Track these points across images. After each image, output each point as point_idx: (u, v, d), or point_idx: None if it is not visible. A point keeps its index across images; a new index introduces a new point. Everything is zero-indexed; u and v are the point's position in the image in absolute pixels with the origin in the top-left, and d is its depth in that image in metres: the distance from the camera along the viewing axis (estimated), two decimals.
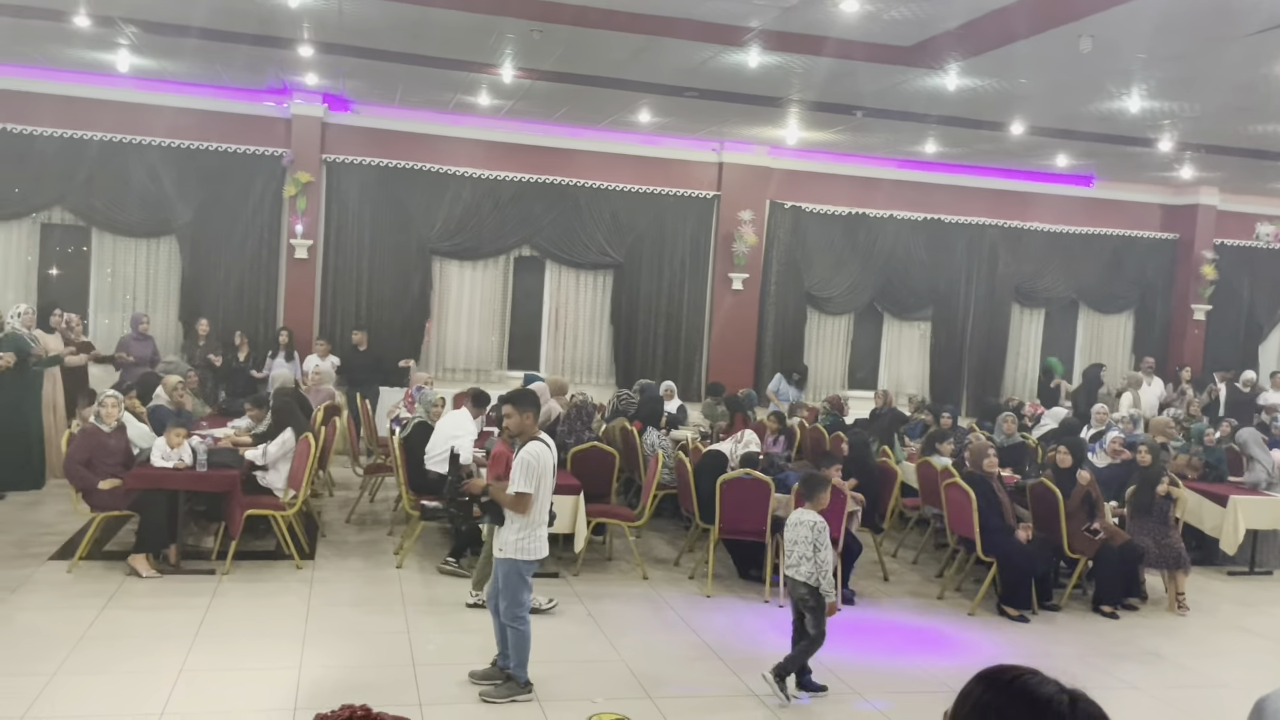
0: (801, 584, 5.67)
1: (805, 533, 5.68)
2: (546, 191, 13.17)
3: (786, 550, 5.80)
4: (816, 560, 5.62)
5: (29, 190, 11.71)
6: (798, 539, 5.70)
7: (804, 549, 5.65)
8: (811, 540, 5.64)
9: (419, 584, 7.47)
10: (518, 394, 5.55)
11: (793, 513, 5.95)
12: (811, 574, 5.62)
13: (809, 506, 5.85)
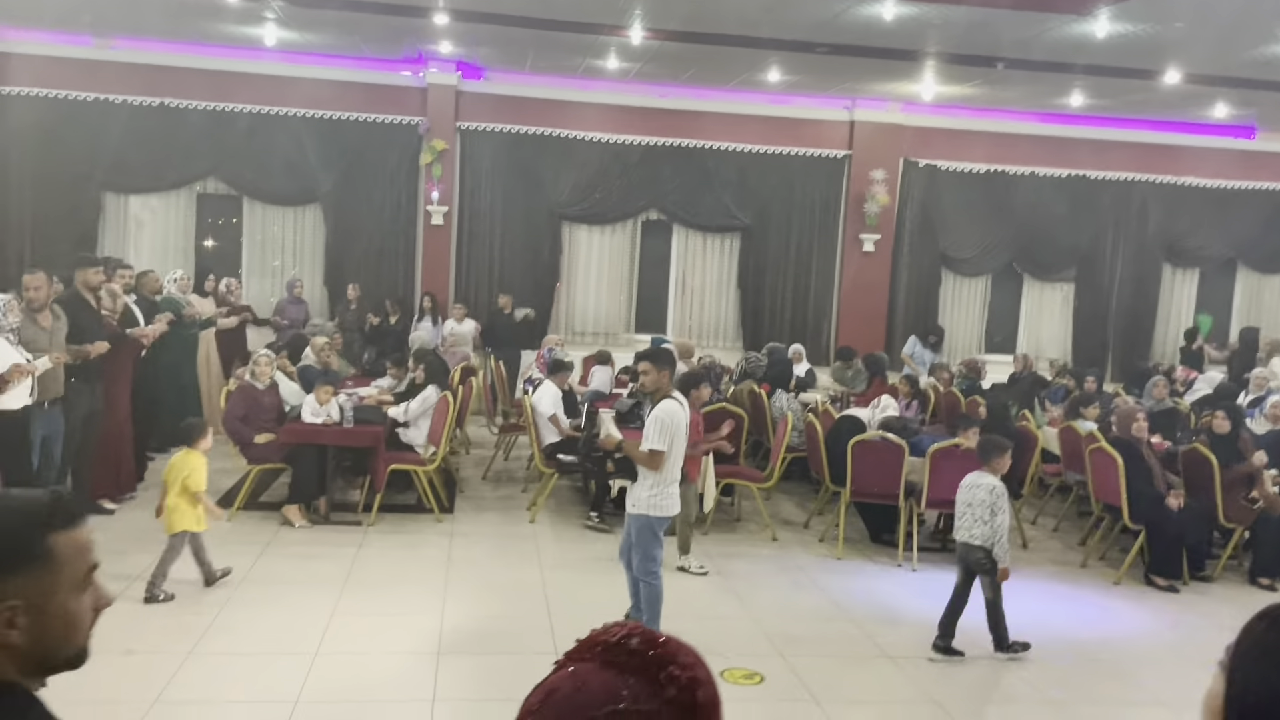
0: (976, 547, 5.62)
1: (983, 495, 5.63)
2: (673, 155, 13.14)
3: (959, 512, 5.75)
4: (993, 524, 5.58)
5: (185, 162, 12.34)
6: (974, 501, 5.66)
7: (980, 511, 5.62)
8: (989, 504, 5.60)
9: (551, 539, 7.65)
10: (655, 351, 5.60)
11: (970, 475, 5.87)
12: (987, 537, 5.58)
13: (987, 469, 5.76)
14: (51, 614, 1.40)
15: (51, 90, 11.94)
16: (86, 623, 1.46)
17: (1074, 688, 5.51)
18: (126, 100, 12.01)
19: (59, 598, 1.40)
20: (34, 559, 1.38)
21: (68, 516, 1.44)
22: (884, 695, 5.32)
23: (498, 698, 4.93)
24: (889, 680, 5.47)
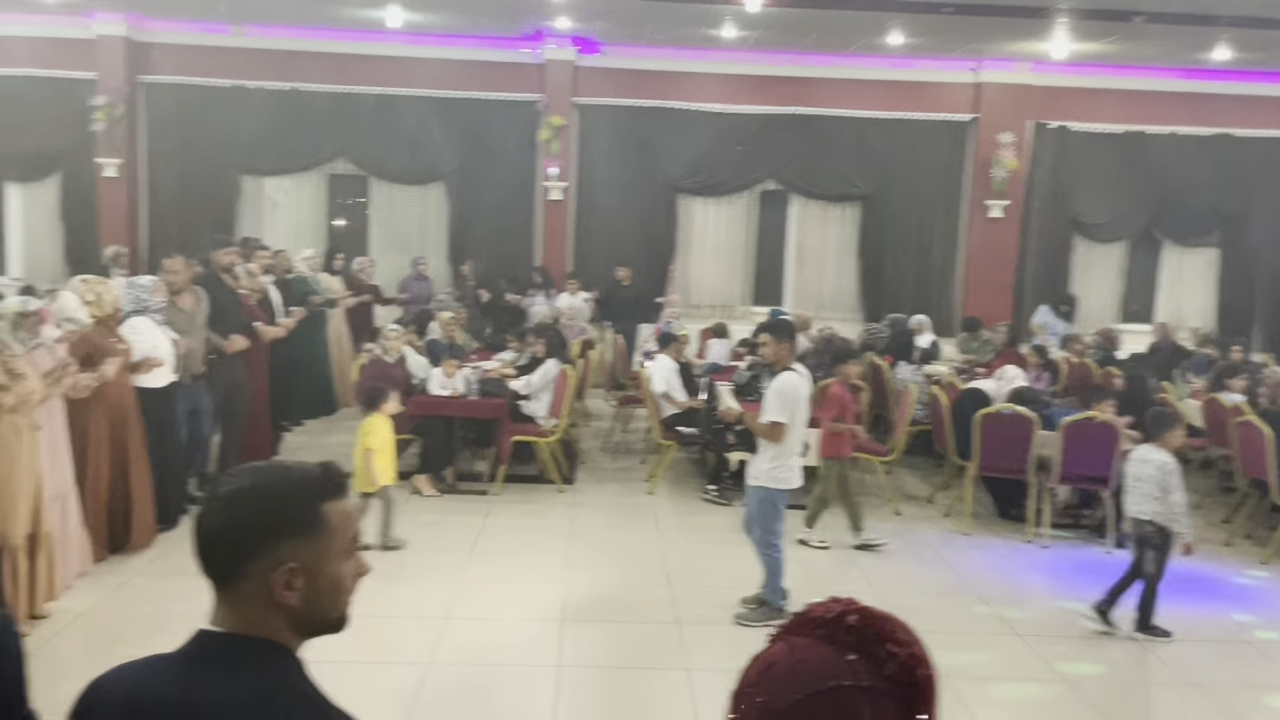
0: (1145, 521, 5.46)
1: (1151, 471, 5.44)
2: (791, 123, 12.94)
3: (1129, 487, 5.59)
4: (1167, 502, 5.40)
5: (315, 144, 12.79)
6: (1142, 476, 5.48)
7: (1148, 488, 5.44)
8: (1159, 480, 5.40)
9: (670, 510, 7.70)
10: (774, 323, 5.57)
11: (1138, 449, 5.68)
12: (1158, 513, 5.41)
13: (1156, 444, 5.54)
14: (323, 578, 1.49)
15: (191, 78, 12.51)
16: (350, 588, 1.55)
17: (1215, 671, 5.28)
18: (260, 86, 12.51)
19: (329, 563, 1.50)
20: (310, 526, 1.48)
21: (337, 487, 1.54)
22: (1012, 672, 5.20)
23: (621, 665, 5.02)
24: (1018, 657, 5.34)
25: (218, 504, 1.49)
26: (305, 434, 9.53)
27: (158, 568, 5.99)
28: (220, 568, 1.48)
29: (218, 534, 1.48)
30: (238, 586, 1.47)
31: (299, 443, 9.13)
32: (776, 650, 1.09)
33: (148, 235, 12.74)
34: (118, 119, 12.15)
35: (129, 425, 5.96)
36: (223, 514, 1.48)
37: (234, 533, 1.47)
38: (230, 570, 1.47)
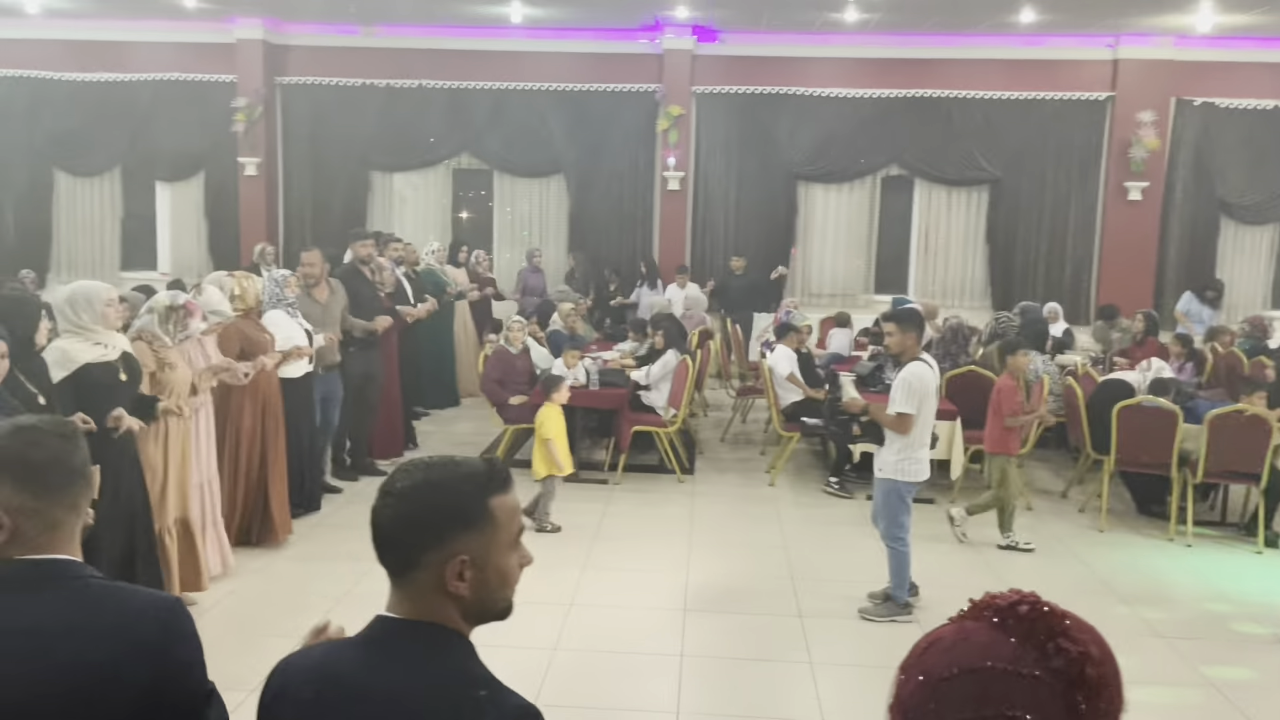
0: None
1: None
2: (915, 106, 12.62)
3: None
4: None
5: (440, 139, 13.11)
6: None
7: None
8: None
9: (791, 502, 7.63)
10: (901, 312, 5.44)
11: None
12: None
13: None
14: (490, 569, 1.56)
15: (323, 78, 12.98)
16: (516, 578, 1.62)
17: None
18: (388, 84, 12.89)
19: (496, 555, 1.57)
20: (478, 519, 1.55)
21: (503, 481, 1.60)
22: (1155, 676, 4.97)
23: (744, 657, 5.00)
24: (1161, 661, 5.10)
25: (393, 499, 1.56)
26: (432, 423, 9.78)
27: (295, 552, 6.25)
28: (396, 558, 1.56)
29: (394, 527, 1.56)
30: (413, 576, 1.55)
31: (427, 431, 9.38)
32: (946, 629, 1.10)
33: (283, 231, 13.29)
34: (256, 120, 12.71)
35: (274, 415, 6.20)
36: (398, 508, 1.55)
37: (409, 526, 1.55)
38: (406, 561, 1.55)
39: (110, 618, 1.70)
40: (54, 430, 1.76)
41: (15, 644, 1.64)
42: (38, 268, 12.65)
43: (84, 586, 1.73)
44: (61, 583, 1.72)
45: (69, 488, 1.75)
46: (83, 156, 13.19)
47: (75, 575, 1.73)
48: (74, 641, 1.65)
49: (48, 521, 1.71)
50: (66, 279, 13.00)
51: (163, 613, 1.73)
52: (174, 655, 1.72)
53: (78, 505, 1.78)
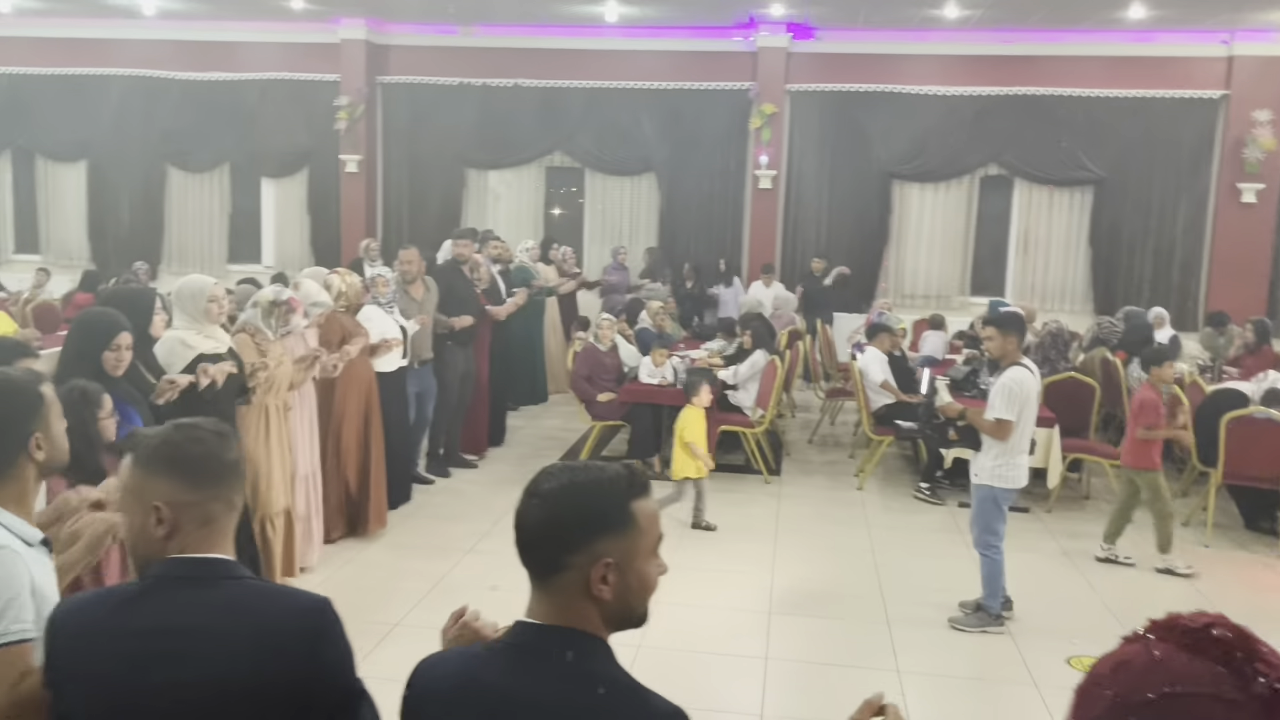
0: None
1: None
2: (1016, 104, 12.30)
3: None
4: None
5: (535, 138, 13.26)
6: None
7: None
8: None
9: (880, 507, 7.52)
10: (1001, 316, 5.32)
11: None
12: None
13: None
14: (632, 574, 1.57)
15: (422, 77, 13.25)
16: (655, 585, 1.63)
17: None
18: (485, 83, 13.09)
19: (638, 560, 1.58)
20: (621, 523, 1.56)
21: (644, 487, 1.62)
22: None
23: (829, 662, 4.96)
24: None
25: (538, 501, 1.58)
26: (519, 418, 9.90)
27: (387, 543, 6.40)
28: (541, 561, 1.58)
29: (540, 529, 1.58)
30: (557, 579, 1.56)
31: (515, 426, 9.50)
32: (1132, 650, 1.07)
33: (381, 227, 13.60)
34: (358, 118, 13.04)
35: (374, 409, 6.35)
36: (544, 510, 1.57)
37: (555, 528, 1.56)
38: (550, 564, 1.57)
39: (267, 618, 1.75)
40: (210, 427, 1.86)
41: (181, 643, 1.70)
42: (150, 260, 13.18)
43: (243, 586, 1.80)
44: (223, 582, 1.78)
45: (224, 482, 1.83)
46: (194, 153, 13.70)
47: (235, 575, 1.80)
48: (235, 641, 1.70)
49: (205, 515, 1.79)
50: (177, 271, 13.54)
51: (315, 614, 1.78)
52: (326, 656, 1.76)
53: (232, 501, 1.85)
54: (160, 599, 1.74)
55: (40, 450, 2.17)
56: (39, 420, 2.18)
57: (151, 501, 1.77)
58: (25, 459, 2.16)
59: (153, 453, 1.80)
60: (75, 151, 13.86)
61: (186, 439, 1.82)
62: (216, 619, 1.72)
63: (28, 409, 2.18)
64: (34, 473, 2.18)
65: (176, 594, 1.75)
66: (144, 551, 1.80)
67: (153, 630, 1.71)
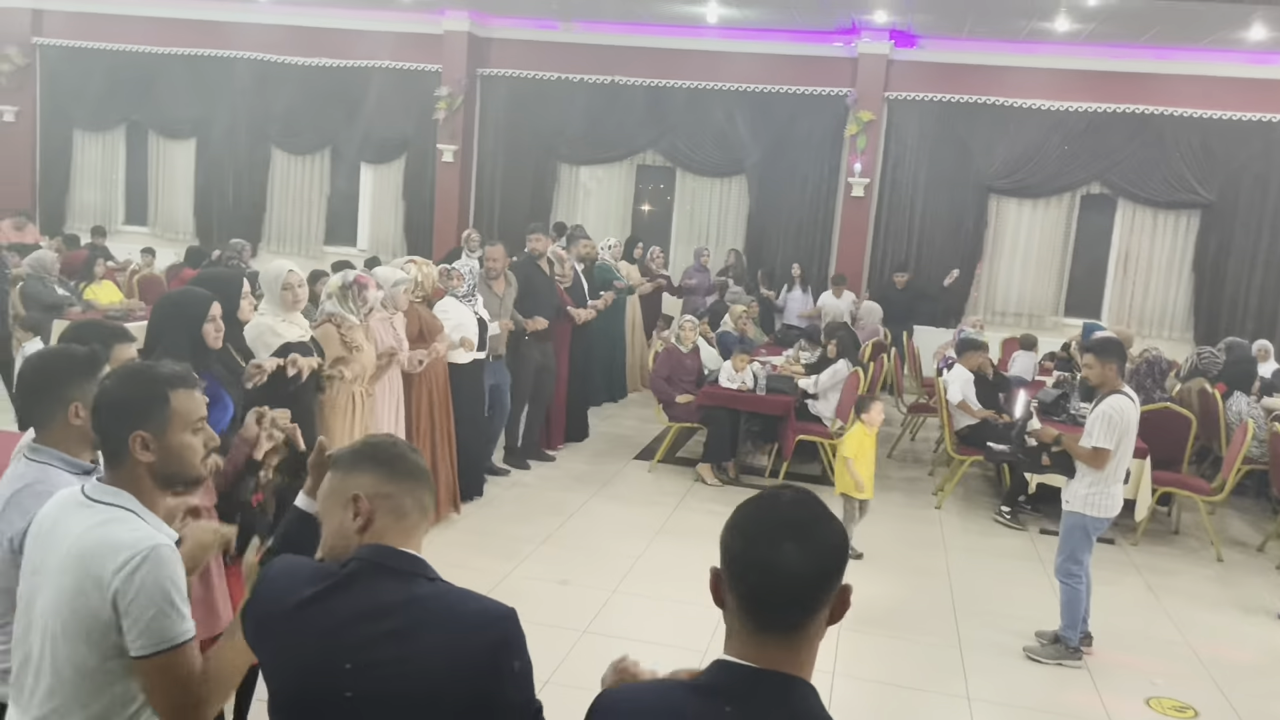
0: None
1: None
2: (1124, 122, 11.93)
3: None
4: None
5: (629, 135, 13.30)
6: None
7: None
8: None
9: (959, 528, 7.38)
10: (1099, 342, 5.17)
11: None
12: None
13: None
14: None
15: (522, 71, 13.40)
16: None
17: None
18: (583, 79, 13.18)
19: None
20: None
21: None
22: None
23: (897, 682, 4.89)
24: None
25: (802, 547, 1.52)
26: (597, 415, 9.96)
27: (459, 534, 6.49)
28: (804, 610, 1.52)
29: (815, 578, 1.52)
30: (807, 624, 1.53)
31: (592, 423, 9.56)
32: None
33: (473, 216, 13.80)
34: (456, 108, 13.25)
35: (443, 399, 6.38)
36: (816, 560, 1.53)
37: (828, 578, 1.53)
38: (810, 610, 1.53)
39: (458, 623, 1.76)
40: (399, 439, 1.99)
41: (375, 634, 1.74)
42: (250, 238, 13.56)
43: (435, 588, 1.82)
44: (418, 579, 1.81)
45: (417, 480, 1.90)
46: (298, 136, 14.08)
47: (429, 575, 1.83)
48: (425, 642, 1.73)
49: (399, 509, 1.86)
50: (275, 250, 13.96)
51: (502, 622, 1.78)
52: (509, 666, 1.76)
53: (423, 502, 1.91)
54: (361, 587, 1.78)
55: (147, 452, 2.07)
56: (150, 420, 2.08)
57: (350, 494, 1.85)
58: (131, 459, 2.07)
59: (352, 454, 1.91)
60: (187, 129, 14.36)
61: (383, 441, 1.94)
62: (410, 617, 1.75)
63: (136, 405, 2.08)
64: (146, 475, 2.09)
65: (376, 584, 1.78)
66: (340, 549, 1.85)
67: (351, 618, 1.75)
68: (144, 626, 1.95)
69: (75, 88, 14.38)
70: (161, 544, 2.00)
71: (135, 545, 1.97)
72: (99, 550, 1.97)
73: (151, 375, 2.15)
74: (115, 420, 2.08)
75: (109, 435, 2.09)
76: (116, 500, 2.05)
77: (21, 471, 2.38)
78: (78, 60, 14.36)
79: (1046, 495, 7.27)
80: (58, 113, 14.55)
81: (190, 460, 2.13)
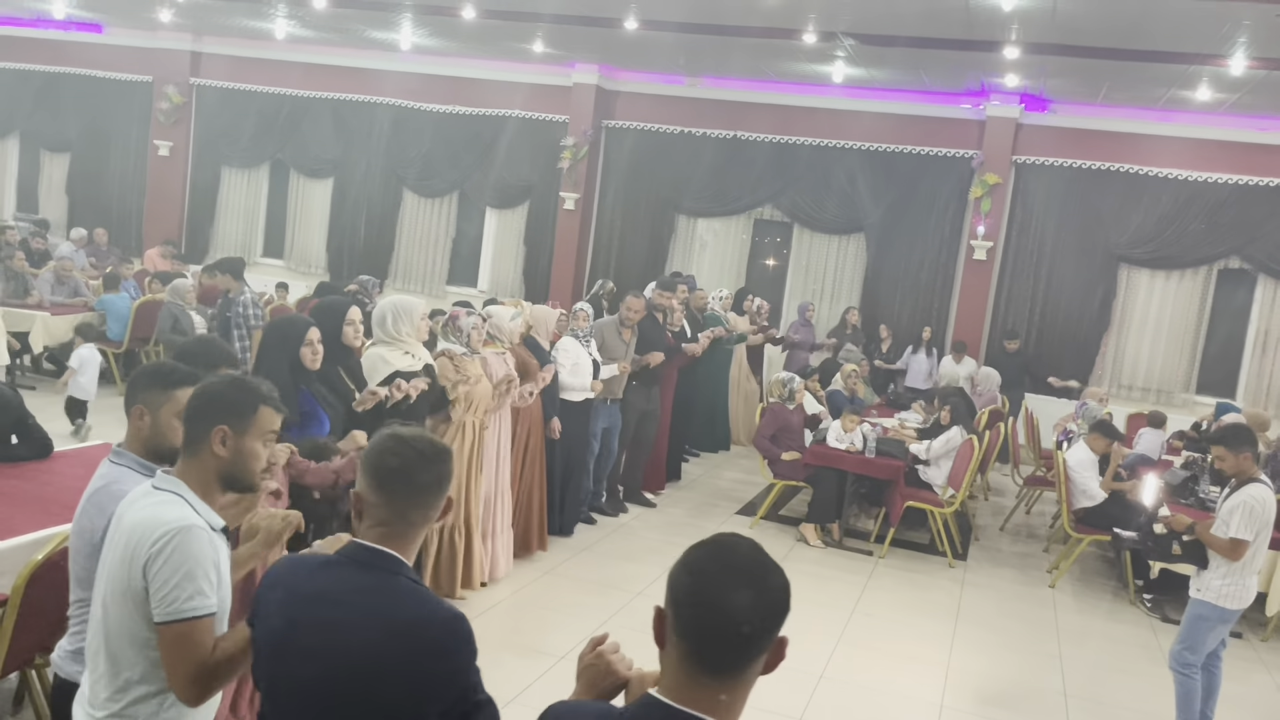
0: None
1: None
2: (1268, 196, 11.41)
3: None
4: None
5: (749, 190, 13.34)
6: None
7: None
8: None
9: (1073, 609, 7.07)
10: (1227, 432, 4.91)
11: None
12: None
13: None
14: None
15: (646, 124, 13.64)
16: None
17: None
18: (706, 133, 13.32)
19: None
20: None
21: None
22: None
23: None
24: None
25: (756, 593, 1.60)
26: (699, 466, 9.94)
27: (555, 574, 6.54)
28: (753, 652, 1.62)
29: (766, 623, 1.61)
30: (750, 667, 1.63)
31: (694, 474, 9.55)
32: None
33: (590, 264, 14.04)
34: (581, 158, 13.55)
35: (539, 437, 6.58)
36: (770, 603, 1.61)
37: (778, 621, 1.64)
38: (756, 654, 1.63)
39: (404, 615, 1.92)
40: (419, 445, 2.05)
41: (335, 615, 1.93)
42: (378, 275, 14.08)
43: (395, 582, 1.97)
44: (387, 575, 1.97)
45: (405, 497, 2.01)
46: (429, 179, 14.59)
47: (393, 571, 1.98)
48: (369, 629, 1.90)
49: (380, 518, 2.00)
50: (401, 287, 14.44)
51: (448, 623, 1.94)
52: (446, 664, 1.92)
53: (408, 515, 2.02)
54: (335, 573, 1.98)
55: (223, 447, 2.32)
56: (237, 419, 2.33)
57: (354, 492, 2.06)
58: (208, 450, 2.32)
59: (364, 456, 2.06)
60: (325, 169, 15.05)
61: (387, 450, 2.02)
62: (369, 603, 1.92)
63: (231, 403, 2.34)
64: (213, 469, 2.34)
65: (348, 573, 1.97)
66: (351, 529, 2.09)
67: (317, 598, 1.96)
68: (164, 595, 2.17)
69: (226, 126, 15.25)
70: (196, 525, 2.22)
71: (172, 523, 2.20)
72: (144, 526, 2.22)
73: (249, 385, 2.42)
74: (207, 411, 2.34)
75: (196, 423, 2.35)
76: (172, 487, 2.30)
77: (103, 472, 2.66)
78: (230, 101, 15.23)
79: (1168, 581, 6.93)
80: (209, 149, 15.44)
81: (253, 467, 2.38)
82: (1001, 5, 8.02)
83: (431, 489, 2.03)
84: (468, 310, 5.95)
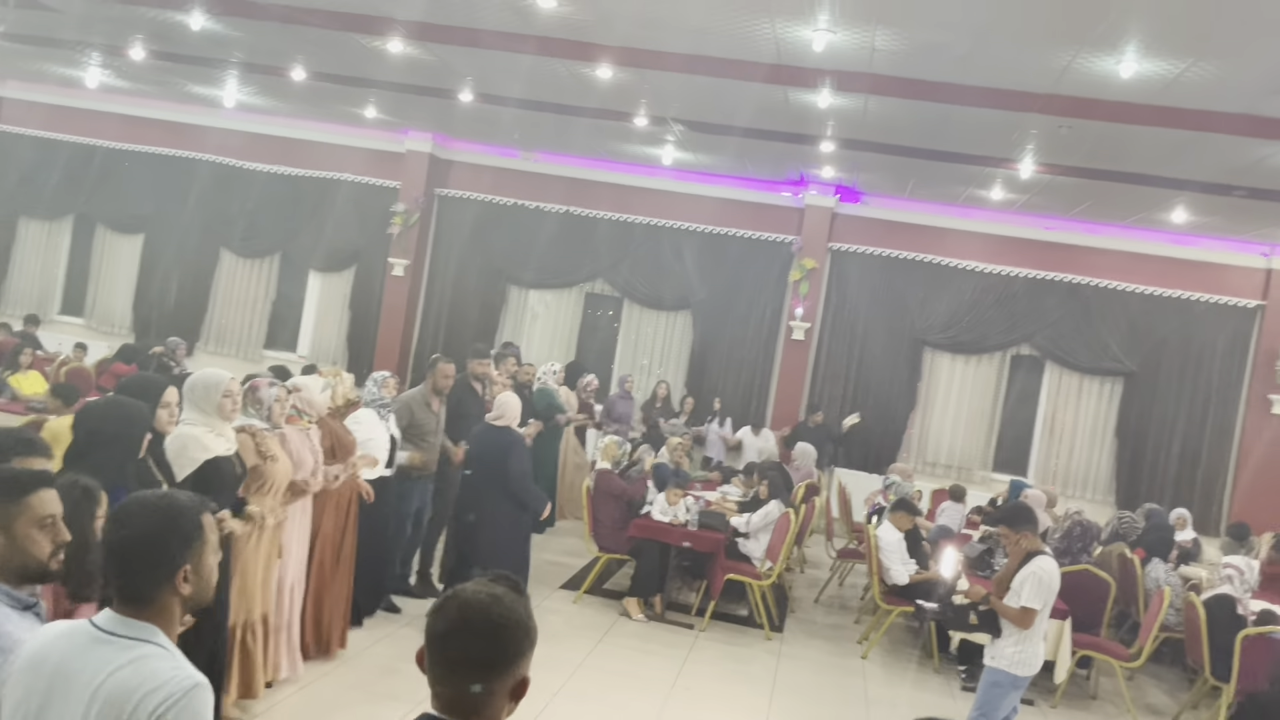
0: None
1: None
2: (1055, 289, 12.49)
3: None
4: None
5: (581, 264, 13.54)
6: None
7: None
8: None
9: (882, 679, 7.32)
10: (1007, 513, 5.28)
11: None
12: None
13: None
14: None
15: (479, 194, 13.68)
16: None
17: None
18: (539, 206, 13.48)
19: None
20: None
21: None
22: None
23: None
24: None
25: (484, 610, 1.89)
26: None
27: (352, 666, 6.28)
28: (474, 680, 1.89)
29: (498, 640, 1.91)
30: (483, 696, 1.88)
31: None
32: None
33: (419, 332, 13.83)
34: (411, 225, 13.42)
35: (352, 521, 6.02)
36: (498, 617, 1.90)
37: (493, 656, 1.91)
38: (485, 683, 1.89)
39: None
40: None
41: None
42: (189, 337, 13.41)
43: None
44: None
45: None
46: (250, 239, 14.10)
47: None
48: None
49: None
50: (214, 350, 13.79)
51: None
52: None
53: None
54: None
55: (187, 584, 2.09)
56: (193, 552, 2.10)
57: None
58: (171, 593, 2.07)
59: None
60: (135, 224, 14.32)
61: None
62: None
63: (185, 538, 2.09)
64: (179, 607, 2.11)
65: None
66: None
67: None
68: None
69: (24, 175, 14.32)
70: (202, 683, 2.04)
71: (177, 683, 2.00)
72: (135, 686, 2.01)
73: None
74: None
75: None
76: (144, 635, 2.06)
77: None
78: (34, 148, 14.35)
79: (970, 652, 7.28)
80: (5, 198, 14.43)
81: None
82: (817, 102, 8.54)
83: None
84: (269, 380, 5.27)
